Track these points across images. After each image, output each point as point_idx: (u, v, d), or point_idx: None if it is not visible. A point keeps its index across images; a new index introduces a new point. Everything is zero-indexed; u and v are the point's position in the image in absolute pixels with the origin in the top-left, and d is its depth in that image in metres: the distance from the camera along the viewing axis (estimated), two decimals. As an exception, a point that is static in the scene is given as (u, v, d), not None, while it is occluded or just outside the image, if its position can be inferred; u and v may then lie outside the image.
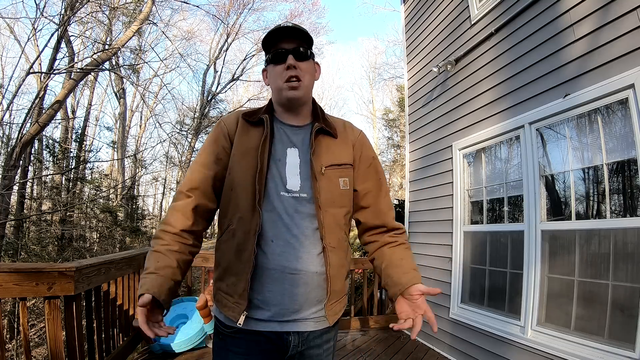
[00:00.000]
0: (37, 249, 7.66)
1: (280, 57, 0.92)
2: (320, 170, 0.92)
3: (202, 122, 13.97)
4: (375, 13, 40.67)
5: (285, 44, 0.92)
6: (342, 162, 0.96)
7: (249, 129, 0.95)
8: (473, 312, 2.93)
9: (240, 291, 0.87)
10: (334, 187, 0.93)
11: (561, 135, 2.37)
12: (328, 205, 0.91)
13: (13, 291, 1.54)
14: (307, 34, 0.93)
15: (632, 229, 1.88)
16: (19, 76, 7.86)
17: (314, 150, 0.93)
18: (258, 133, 0.94)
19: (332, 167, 0.94)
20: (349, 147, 1.00)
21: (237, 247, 0.88)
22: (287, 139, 0.96)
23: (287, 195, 0.89)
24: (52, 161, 10.47)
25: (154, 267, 0.84)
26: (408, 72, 4.45)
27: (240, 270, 0.88)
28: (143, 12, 8.34)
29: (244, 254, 0.87)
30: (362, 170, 1.01)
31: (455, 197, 3.28)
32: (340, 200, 0.94)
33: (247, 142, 0.93)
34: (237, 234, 0.89)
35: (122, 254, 2.49)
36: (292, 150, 0.95)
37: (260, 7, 14.50)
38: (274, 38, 0.92)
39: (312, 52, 0.97)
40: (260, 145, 0.91)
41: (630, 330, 1.79)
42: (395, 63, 21.52)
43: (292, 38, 0.92)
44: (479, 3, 3.17)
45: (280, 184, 0.90)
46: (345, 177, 0.96)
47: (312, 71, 0.97)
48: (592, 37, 2.09)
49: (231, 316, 0.88)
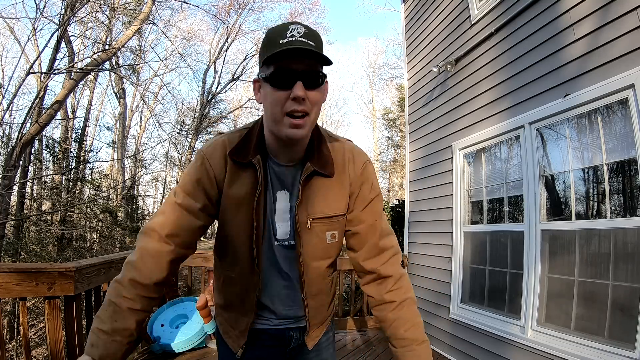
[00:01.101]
0: (37, 249, 7.66)
1: (286, 81, 0.70)
2: (306, 223, 0.83)
3: (202, 122, 13.98)
4: (375, 13, 40.72)
5: (294, 63, 0.69)
6: (333, 214, 0.85)
7: (239, 173, 0.81)
8: (473, 312, 2.93)
9: (242, 328, 0.92)
10: (319, 242, 0.86)
11: (561, 135, 2.37)
12: (311, 259, 0.86)
13: (13, 291, 1.54)
14: (322, 53, 0.70)
15: (632, 229, 1.88)
16: (19, 76, 7.87)
17: (301, 200, 0.82)
18: (249, 179, 0.81)
19: (321, 220, 0.84)
20: (345, 191, 0.86)
21: (240, 296, 0.91)
22: (277, 182, 0.85)
23: (278, 244, 0.87)
24: (52, 161, 10.47)
25: (110, 328, 0.72)
26: (408, 72, 4.45)
27: (242, 313, 0.92)
28: (143, 12, 8.34)
29: (245, 304, 0.91)
30: (356, 213, 0.88)
31: (455, 197, 3.28)
32: (325, 253, 0.88)
33: (239, 191, 0.81)
34: (238, 284, 0.90)
35: (122, 254, 2.49)
36: (282, 193, 0.85)
37: (260, 7, 14.52)
38: (278, 50, 0.67)
39: (325, 74, 0.75)
40: (255, 202, 0.80)
41: (630, 330, 1.79)
42: (395, 63, 21.54)
43: (304, 56, 0.69)
44: (479, 3, 3.17)
45: (272, 235, 0.86)
46: (335, 230, 0.87)
47: (322, 99, 0.76)
48: (592, 37, 2.09)
49: (231, 345, 0.94)
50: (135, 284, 0.75)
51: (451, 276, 3.22)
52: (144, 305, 0.77)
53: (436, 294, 3.42)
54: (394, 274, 0.87)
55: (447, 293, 3.23)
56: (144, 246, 0.78)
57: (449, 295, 3.21)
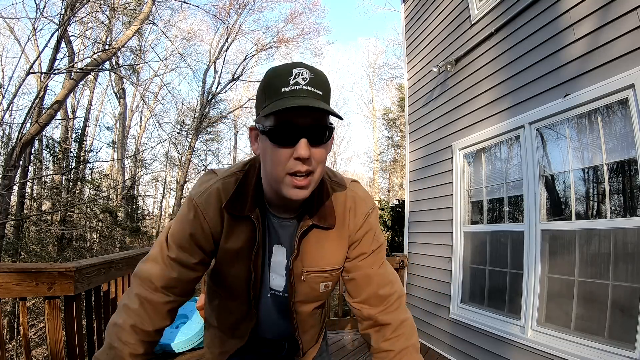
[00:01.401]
0: (37, 249, 7.66)
1: (288, 138, 0.62)
2: (300, 275, 0.81)
3: (202, 122, 13.97)
4: (375, 13, 40.69)
5: (299, 117, 0.61)
6: (329, 267, 0.82)
7: (236, 226, 0.77)
8: (473, 312, 2.93)
9: (227, 348, 0.94)
10: (311, 291, 0.84)
11: (561, 135, 2.37)
12: (301, 305, 0.87)
13: (13, 291, 1.54)
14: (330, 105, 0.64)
15: (632, 229, 1.88)
16: (19, 76, 7.87)
17: (297, 254, 0.78)
18: (247, 233, 0.77)
19: (316, 273, 0.81)
20: (344, 243, 0.82)
21: (235, 324, 0.91)
22: (274, 234, 0.81)
23: (272, 294, 0.87)
24: (52, 161, 10.47)
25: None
26: (408, 72, 4.45)
27: (234, 336, 0.93)
28: (143, 12, 8.34)
29: (240, 330, 0.91)
30: (355, 262, 0.83)
31: (455, 197, 3.28)
32: (316, 299, 0.87)
33: (236, 245, 0.78)
34: (234, 315, 0.90)
35: (122, 254, 2.49)
36: (278, 248, 0.82)
37: (260, 7, 14.49)
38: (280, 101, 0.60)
39: (333, 127, 0.67)
40: (254, 255, 0.78)
41: (630, 330, 1.79)
42: (395, 63, 21.51)
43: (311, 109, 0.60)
44: (479, 3, 3.17)
45: (268, 285, 0.86)
46: (329, 281, 0.85)
47: (326, 156, 0.68)
48: (592, 37, 2.09)
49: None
50: (137, 330, 0.72)
51: (451, 276, 3.22)
52: (146, 349, 0.74)
53: (436, 294, 3.42)
54: (393, 321, 0.79)
55: (447, 293, 3.23)
56: (142, 295, 0.75)
57: (449, 295, 3.21)
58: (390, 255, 4.13)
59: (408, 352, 0.77)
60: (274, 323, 0.91)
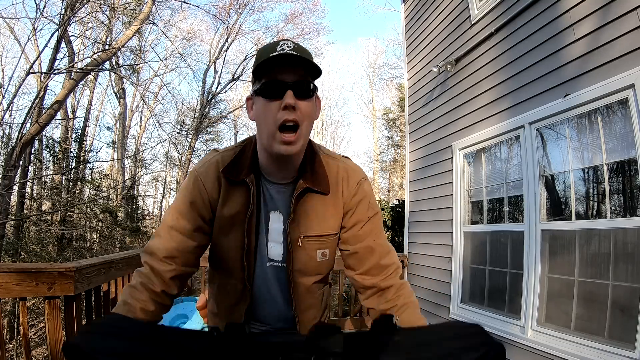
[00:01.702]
0: (37, 249, 7.66)
1: (276, 91, 0.71)
2: (297, 241, 0.83)
3: (202, 122, 13.97)
4: (375, 13, 40.69)
5: (284, 74, 0.71)
6: (325, 232, 0.85)
7: (232, 192, 0.82)
8: (473, 312, 2.93)
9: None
10: (309, 260, 0.86)
11: (561, 135, 2.37)
12: (300, 276, 0.87)
13: (13, 291, 1.54)
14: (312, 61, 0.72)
15: (632, 229, 1.88)
16: (19, 76, 7.87)
17: (293, 218, 0.82)
18: (242, 198, 0.81)
19: (312, 238, 0.84)
20: (339, 209, 0.85)
21: (230, 308, 0.92)
22: (270, 201, 0.85)
23: (270, 265, 0.88)
24: (52, 161, 10.47)
25: None
26: (408, 72, 4.45)
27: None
28: (143, 12, 8.34)
29: (234, 315, 0.92)
30: (354, 232, 0.86)
31: (455, 197, 3.28)
32: (315, 270, 0.89)
33: (231, 211, 0.82)
34: (230, 296, 0.91)
35: (122, 254, 2.49)
36: (275, 214, 0.85)
37: (260, 7, 14.48)
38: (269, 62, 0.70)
39: (316, 85, 0.76)
40: (247, 220, 0.81)
41: (630, 330, 1.79)
42: (395, 63, 21.51)
43: (294, 66, 0.71)
44: (479, 3, 3.17)
45: (265, 255, 0.87)
46: (326, 248, 0.87)
47: (313, 112, 0.76)
48: (592, 37, 2.09)
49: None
50: (147, 288, 0.78)
51: (451, 276, 3.22)
52: (156, 308, 0.78)
53: (436, 294, 3.42)
54: (395, 283, 0.83)
55: (447, 293, 3.23)
56: (149, 263, 0.81)
57: (449, 295, 3.21)
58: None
59: (409, 307, 0.81)
60: (271, 301, 0.91)
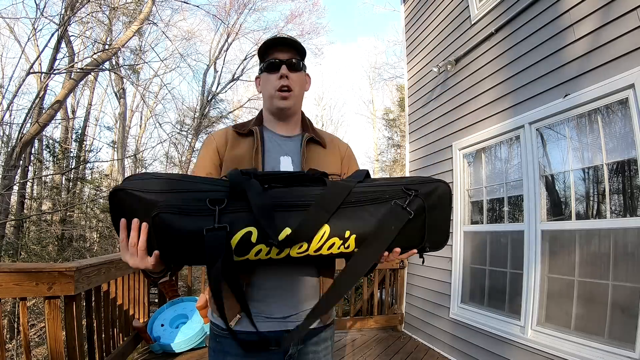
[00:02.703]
0: (37, 249, 7.66)
1: (274, 67, 0.96)
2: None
3: (202, 122, 13.96)
4: (375, 13, 40.64)
5: (279, 54, 0.96)
6: (332, 172, 0.96)
7: (239, 141, 0.97)
8: (473, 312, 2.93)
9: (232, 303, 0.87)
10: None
11: (561, 135, 2.37)
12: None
13: (13, 291, 1.54)
14: (300, 46, 0.98)
15: (632, 229, 1.88)
16: (19, 76, 7.87)
17: (306, 158, 0.96)
18: (248, 144, 0.96)
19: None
20: (338, 159, 1.04)
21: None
22: (279, 148, 0.98)
23: None
24: (52, 161, 10.46)
25: None
26: (408, 72, 4.45)
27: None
28: (143, 12, 8.34)
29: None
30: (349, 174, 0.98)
31: (455, 197, 3.28)
32: None
33: (238, 153, 0.94)
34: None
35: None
36: (285, 158, 0.97)
37: (260, 7, 14.48)
38: (269, 48, 0.96)
39: (305, 64, 1.02)
40: (253, 156, 0.92)
41: (630, 330, 1.79)
42: (395, 63, 21.48)
43: (286, 49, 0.97)
44: (479, 3, 3.17)
45: None
46: None
47: (303, 82, 1.01)
48: (593, 37, 2.09)
49: (226, 316, 0.85)
50: None
51: (451, 276, 3.22)
52: None
53: (436, 294, 3.42)
54: None
55: (447, 293, 3.23)
56: None
57: (449, 295, 3.21)
58: (390, 255, 4.12)
59: None
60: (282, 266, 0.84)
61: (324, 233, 0.69)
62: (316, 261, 0.89)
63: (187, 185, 0.69)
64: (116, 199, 0.66)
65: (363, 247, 0.72)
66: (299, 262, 0.86)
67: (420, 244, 0.77)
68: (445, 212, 0.79)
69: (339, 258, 0.77)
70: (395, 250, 0.75)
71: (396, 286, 3.97)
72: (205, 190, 0.69)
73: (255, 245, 0.67)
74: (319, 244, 0.70)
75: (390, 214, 0.72)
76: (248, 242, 0.66)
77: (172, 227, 0.64)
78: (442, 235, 0.80)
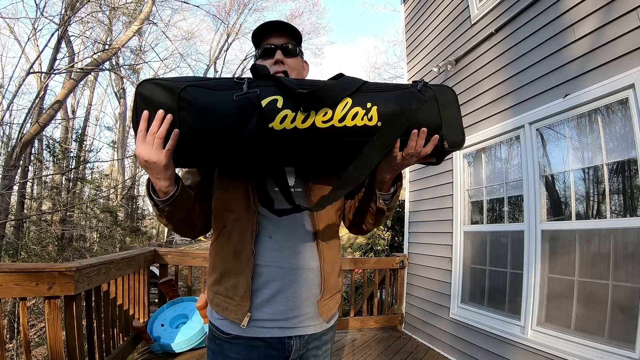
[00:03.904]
0: (37, 249, 7.65)
1: (269, 52, 0.93)
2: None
3: (202, 122, 13.94)
4: (375, 13, 40.64)
5: (274, 40, 0.94)
6: None
7: None
8: (473, 312, 2.93)
9: (241, 293, 0.84)
10: (327, 182, 0.92)
11: (561, 135, 2.37)
12: (319, 193, 0.90)
13: (13, 291, 1.54)
14: (296, 31, 0.95)
15: (632, 229, 1.88)
16: (19, 76, 7.87)
17: None
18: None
19: None
20: None
21: (235, 249, 0.86)
22: None
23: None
24: (52, 161, 10.47)
25: None
26: (408, 72, 4.45)
27: (240, 272, 0.85)
28: (143, 12, 8.34)
29: (242, 255, 0.85)
30: None
31: (455, 197, 3.28)
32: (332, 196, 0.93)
33: None
34: (233, 235, 0.87)
35: (122, 254, 2.49)
36: None
37: (260, 7, 14.52)
38: (263, 33, 0.94)
39: (301, 49, 0.98)
40: None
41: (630, 330, 1.79)
42: (395, 63, 21.49)
43: (281, 35, 0.94)
44: (479, 3, 3.17)
45: (272, 180, 0.85)
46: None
47: (300, 68, 0.97)
48: (593, 37, 2.09)
49: (234, 319, 0.84)
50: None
51: (451, 276, 3.22)
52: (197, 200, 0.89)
53: (436, 294, 3.42)
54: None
55: (447, 293, 3.23)
56: None
57: (449, 295, 3.21)
58: (390, 255, 4.12)
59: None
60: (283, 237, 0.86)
61: (347, 103, 0.73)
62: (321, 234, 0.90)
63: (211, 79, 0.75)
64: (143, 90, 0.69)
65: (390, 121, 0.74)
66: (301, 264, 0.87)
67: (439, 132, 0.79)
68: (456, 109, 0.83)
69: (362, 138, 0.75)
70: (423, 130, 0.76)
71: (396, 286, 3.97)
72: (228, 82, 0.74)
73: (281, 110, 0.70)
74: (342, 112, 0.73)
75: (408, 94, 0.77)
76: (274, 107, 0.70)
77: (199, 98, 0.68)
78: (457, 132, 0.82)
